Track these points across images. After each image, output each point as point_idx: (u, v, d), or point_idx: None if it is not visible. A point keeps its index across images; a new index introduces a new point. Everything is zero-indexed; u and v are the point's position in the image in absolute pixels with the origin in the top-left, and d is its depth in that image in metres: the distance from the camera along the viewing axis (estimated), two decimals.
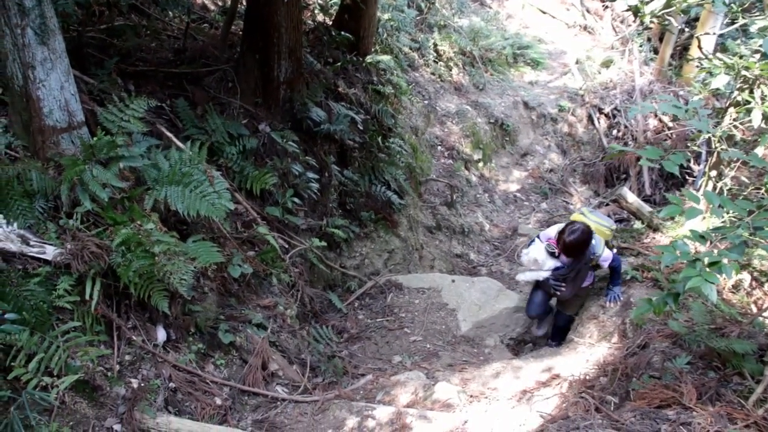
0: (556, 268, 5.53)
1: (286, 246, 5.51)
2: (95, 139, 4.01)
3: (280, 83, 6.34)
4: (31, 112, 4.17)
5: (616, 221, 9.66)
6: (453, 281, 6.85)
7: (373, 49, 8.94)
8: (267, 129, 5.92)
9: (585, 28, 15.82)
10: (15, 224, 3.83)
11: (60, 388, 3.39)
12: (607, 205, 10.29)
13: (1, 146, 4.21)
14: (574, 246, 5.17)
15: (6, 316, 3.41)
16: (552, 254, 5.49)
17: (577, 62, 13.95)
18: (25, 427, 3.24)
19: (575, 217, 5.64)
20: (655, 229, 7.28)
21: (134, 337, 4.09)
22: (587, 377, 4.74)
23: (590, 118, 12.42)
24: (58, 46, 4.18)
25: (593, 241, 5.25)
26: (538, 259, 5.54)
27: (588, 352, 5.28)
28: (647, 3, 5.10)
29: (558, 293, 5.66)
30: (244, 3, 7.17)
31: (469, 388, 5.01)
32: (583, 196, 11.30)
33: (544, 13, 16.36)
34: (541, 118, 12.55)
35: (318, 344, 5.33)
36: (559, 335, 6.07)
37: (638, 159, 10.86)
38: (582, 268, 5.42)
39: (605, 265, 5.48)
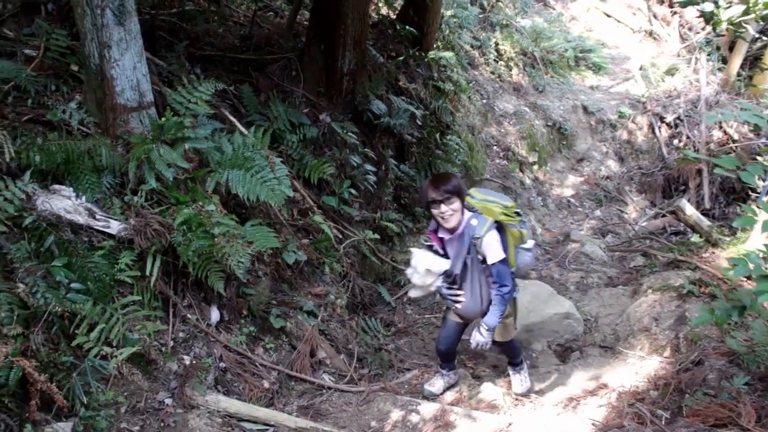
0: (445, 272, 4.25)
1: (340, 236, 5.55)
2: (164, 119, 4.10)
3: (343, 74, 6.38)
4: (104, 91, 4.30)
5: (671, 234, 9.47)
6: None
7: (435, 45, 8.90)
8: (328, 119, 5.96)
9: (651, 33, 15.45)
10: (83, 198, 3.95)
11: (118, 359, 3.49)
12: (664, 216, 10.06)
13: (75, 122, 4.34)
14: (444, 178, 4.04)
15: (72, 285, 3.52)
16: (434, 249, 4.30)
17: (640, 68, 13.63)
18: (85, 392, 3.35)
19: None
20: (714, 244, 7.09)
21: (189, 316, 4.18)
22: (637, 389, 4.65)
23: (651, 127, 12.13)
24: (134, 27, 4.29)
25: (474, 221, 4.03)
26: (430, 268, 4.23)
27: (638, 364, 5.17)
28: (725, 9, 4.95)
29: (458, 307, 4.31)
30: None
31: (514, 392, 4.96)
32: (639, 206, 11.05)
33: (609, 16, 16.04)
34: (600, 123, 12.31)
35: (366, 336, 5.35)
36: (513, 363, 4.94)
37: (699, 171, 10.59)
38: (470, 261, 4.09)
39: (490, 258, 4.03)
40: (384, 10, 8.98)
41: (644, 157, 11.99)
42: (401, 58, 7.83)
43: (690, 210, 7.84)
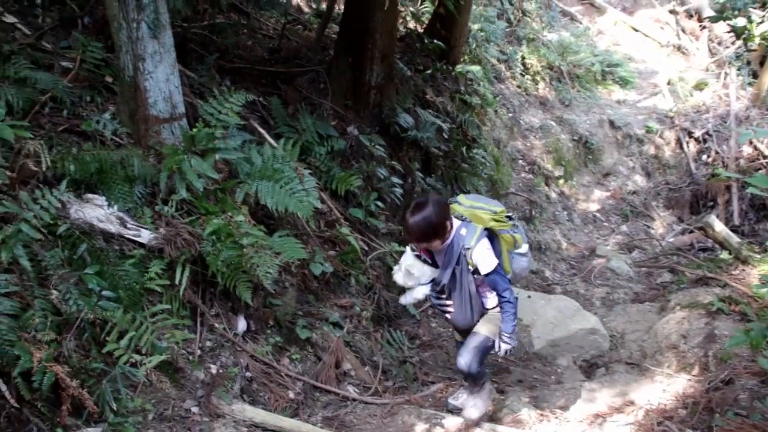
0: (433, 282, 4.11)
1: (366, 248, 5.58)
2: (195, 129, 4.17)
3: (370, 87, 6.43)
4: (137, 102, 4.38)
5: (699, 250, 9.35)
6: (529, 297, 6.76)
7: (462, 59, 8.94)
8: (355, 132, 6.01)
9: (679, 48, 15.34)
10: (115, 207, 4.02)
11: (147, 366, 3.53)
12: (692, 232, 9.94)
13: (108, 132, 4.42)
14: (415, 226, 3.70)
15: (103, 293, 3.58)
16: (422, 259, 4.12)
17: (668, 83, 13.53)
18: (115, 399, 3.39)
19: (453, 206, 4.05)
20: (744, 261, 6.99)
21: (216, 325, 4.22)
22: (665, 408, 4.59)
23: (679, 142, 12.03)
24: (168, 40, 4.37)
25: (463, 230, 3.84)
26: (410, 270, 4.10)
27: (666, 382, 5.11)
28: (758, 24, 4.91)
29: (448, 317, 4.23)
30: (340, 7, 7.30)
31: (539, 407, 4.93)
32: (666, 222, 10.94)
33: (637, 31, 15.97)
34: (626, 138, 12.24)
35: (390, 348, 5.36)
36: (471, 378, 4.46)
37: (728, 187, 10.46)
38: (459, 271, 3.90)
39: (482, 269, 3.83)
40: (411, 24, 9.04)
41: (671, 172, 11.89)
42: (428, 71, 7.87)
43: (719, 226, 7.75)
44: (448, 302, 4.09)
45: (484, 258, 3.82)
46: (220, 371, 4.06)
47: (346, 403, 4.60)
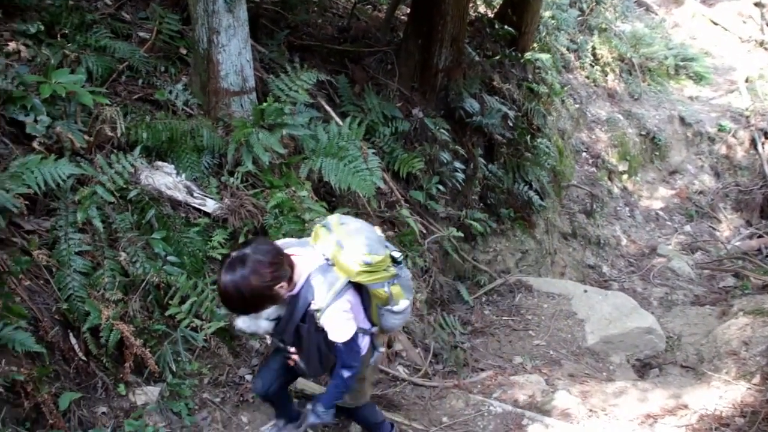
0: (278, 318, 3.02)
1: (424, 231, 5.58)
2: (265, 104, 4.23)
3: (438, 71, 6.40)
4: (209, 74, 4.47)
5: (767, 256, 9.02)
6: (585, 291, 6.65)
7: (531, 47, 8.78)
8: (420, 114, 6.00)
9: (762, 43, 14.66)
10: (183, 175, 4.13)
11: (206, 332, 3.64)
12: (761, 236, 9.60)
13: (180, 102, 4.53)
14: (225, 293, 2.61)
15: (168, 258, 3.69)
16: None
17: (746, 80, 12.99)
18: (174, 361, 3.51)
19: (317, 230, 2.99)
20: None
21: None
22: (721, 414, 4.48)
23: (753, 142, 11.56)
24: (242, 14, 4.44)
25: (317, 280, 2.79)
26: (243, 328, 3.11)
27: (723, 388, 4.97)
28: None
29: (292, 364, 3.11)
30: None
31: (589, 402, 4.87)
32: (733, 224, 10.58)
33: (716, 24, 15.35)
34: (697, 136, 11.85)
35: (443, 332, 5.37)
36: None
37: None
38: (305, 330, 2.88)
39: (332, 337, 2.84)
40: (482, 9, 8.92)
41: (743, 173, 11.47)
42: (497, 57, 7.76)
43: None
44: (292, 349, 3.01)
45: (336, 326, 2.81)
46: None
47: (396, 382, 4.64)
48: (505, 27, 7.97)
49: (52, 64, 4.02)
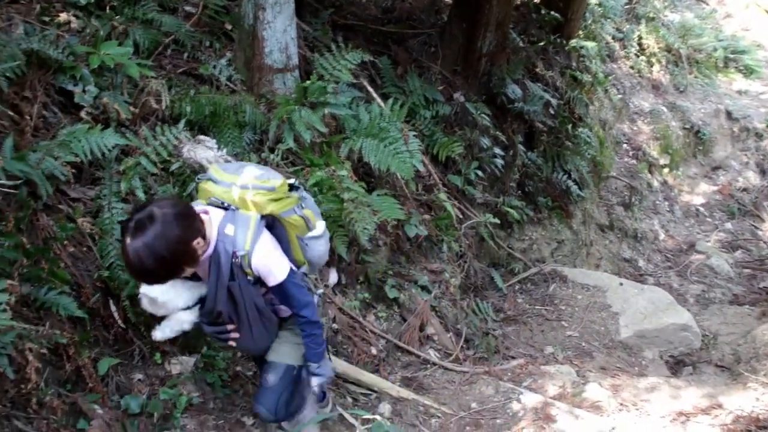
0: (201, 301, 2.73)
1: (461, 216, 5.56)
2: (309, 82, 4.24)
3: (482, 55, 6.34)
4: (254, 50, 4.49)
5: None
6: (621, 284, 6.57)
7: (576, 34, 8.64)
8: (462, 98, 5.95)
9: None
10: (224, 150, 4.15)
11: None
12: None
13: (223, 78, 4.56)
14: (133, 260, 2.30)
15: None
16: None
17: None
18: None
19: (202, 187, 2.73)
20: None
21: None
22: (758, 417, 4.39)
23: None
24: None
25: (229, 229, 2.54)
26: (157, 295, 2.64)
27: (761, 390, 4.87)
28: None
29: (233, 345, 2.85)
30: None
31: (620, 396, 4.82)
32: None
33: None
34: (743, 131, 11.56)
35: (475, 318, 5.36)
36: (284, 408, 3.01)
37: None
38: (237, 288, 2.60)
39: (271, 280, 2.63)
40: None
41: None
42: (541, 43, 7.66)
43: None
44: (230, 327, 2.73)
45: (270, 264, 2.58)
46: None
47: (426, 366, 4.65)
48: (552, 13, 7.85)
49: (101, 35, 4.06)
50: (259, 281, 2.63)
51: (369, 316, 4.57)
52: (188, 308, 2.71)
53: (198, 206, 2.58)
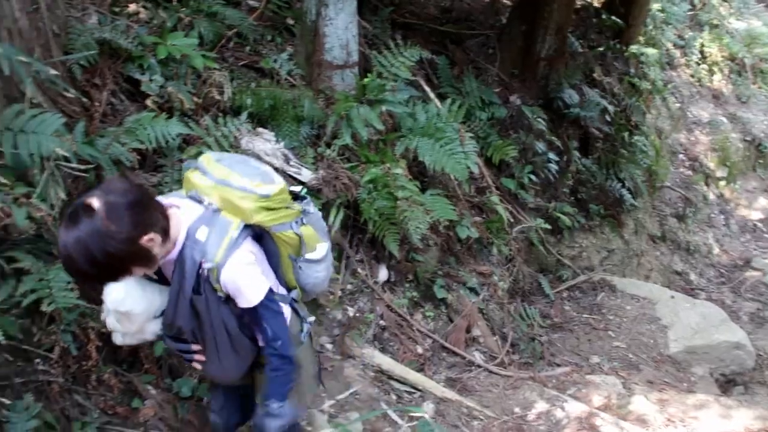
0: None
1: (512, 220, 5.52)
2: (368, 79, 4.27)
3: (540, 59, 6.29)
4: (315, 46, 4.54)
5: None
6: (672, 297, 6.44)
7: (636, 40, 8.49)
8: (518, 101, 5.92)
9: None
10: (282, 143, 4.22)
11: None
12: None
13: (284, 72, 4.62)
14: (65, 255, 1.82)
15: None
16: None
17: None
18: None
19: (187, 176, 2.20)
20: None
21: (359, 270, 4.36)
22: None
23: None
24: None
25: (202, 232, 2.04)
26: (122, 306, 2.13)
27: None
28: None
29: (198, 367, 2.36)
30: None
31: (667, 411, 4.73)
32: None
33: None
34: None
35: (522, 322, 5.32)
36: None
37: None
38: (203, 303, 2.11)
39: (241, 301, 2.11)
40: None
41: None
42: (600, 48, 7.55)
43: None
44: (195, 347, 2.26)
45: (241, 283, 2.06)
46: (357, 315, 4.21)
47: (471, 368, 4.63)
48: (612, 18, 7.74)
49: (168, 26, 4.17)
50: (231, 300, 2.11)
51: (416, 315, 4.58)
52: (156, 318, 2.23)
53: (170, 198, 2.13)
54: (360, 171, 4.17)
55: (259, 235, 2.17)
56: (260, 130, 4.23)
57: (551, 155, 6.10)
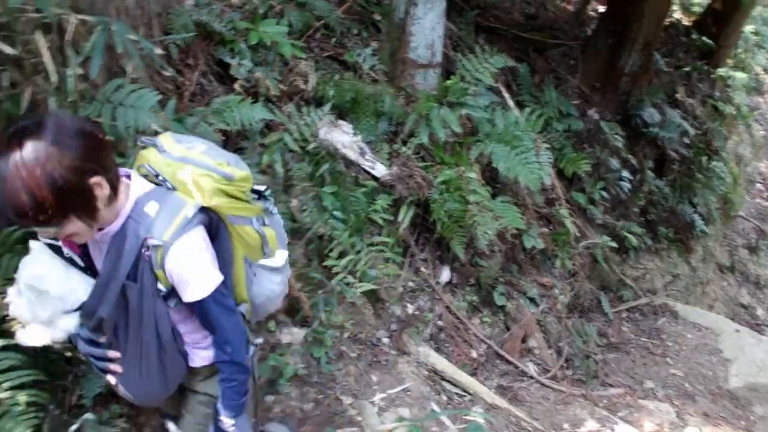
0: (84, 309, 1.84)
1: (578, 234, 5.46)
2: (451, 81, 4.29)
3: (623, 74, 6.18)
4: (400, 43, 4.59)
5: None
6: (737, 331, 6.24)
7: (725, 62, 8.23)
8: (596, 116, 5.83)
9: None
10: (359, 137, 4.28)
11: (358, 290, 3.79)
12: None
13: (366, 66, 4.69)
14: (4, 187, 1.46)
15: (334, 212, 3.87)
16: (64, 255, 1.83)
17: None
18: (324, 310, 3.70)
19: (141, 154, 1.88)
20: None
21: (422, 269, 4.40)
22: None
23: None
24: None
25: (151, 207, 1.71)
26: (39, 283, 1.77)
27: None
28: None
29: (111, 381, 1.90)
30: None
31: None
32: None
33: None
34: None
35: (578, 339, 5.26)
36: None
37: None
38: (136, 293, 1.74)
39: (188, 293, 1.74)
40: (678, 14, 8.46)
41: None
42: (686, 68, 7.36)
43: None
44: (111, 353, 1.84)
45: (190, 270, 1.73)
46: (416, 313, 4.25)
47: (523, 378, 4.61)
48: (703, 38, 7.53)
49: (260, 13, 4.28)
50: (171, 295, 1.77)
51: (474, 319, 4.59)
52: (74, 312, 1.83)
53: (122, 170, 1.76)
54: (434, 171, 4.20)
55: (211, 229, 1.80)
56: (339, 122, 4.30)
57: (625, 173, 5.99)
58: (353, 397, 3.68)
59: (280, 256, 2.08)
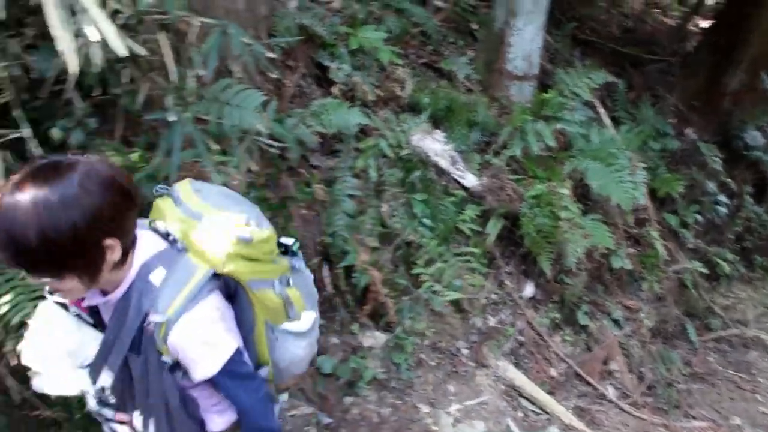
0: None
1: (668, 258, 5.27)
2: (548, 95, 4.23)
3: (725, 93, 5.92)
4: (498, 54, 4.56)
5: None
6: None
7: None
8: (694, 136, 5.63)
9: None
10: (451, 145, 4.27)
11: (444, 299, 3.78)
12: None
13: (461, 75, 4.68)
14: (11, 218, 1.28)
15: (424, 220, 3.88)
16: (74, 313, 1.66)
17: None
18: (410, 317, 3.71)
19: (156, 204, 1.67)
20: None
21: (507, 282, 4.35)
22: None
23: None
24: (544, 2, 4.45)
25: (157, 274, 1.51)
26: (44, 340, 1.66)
27: None
28: None
29: None
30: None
31: None
32: None
33: None
34: None
35: (661, 366, 5.07)
36: None
37: None
38: (141, 365, 1.56)
39: (196, 371, 1.53)
40: None
41: None
42: None
43: None
44: (120, 416, 1.72)
45: (197, 345, 1.52)
46: (497, 326, 4.21)
47: (602, 401, 4.49)
48: None
49: (359, 18, 4.33)
50: (180, 367, 1.57)
51: (555, 337, 4.50)
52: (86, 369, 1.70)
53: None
54: (525, 185, 4.15)
55: (230, 292, 1.62)
56: (432, 129, 4.31)
57: (721, 197, 5.75)
58: (430, 406, 3.68)
59: (306, 319, 1.83)
